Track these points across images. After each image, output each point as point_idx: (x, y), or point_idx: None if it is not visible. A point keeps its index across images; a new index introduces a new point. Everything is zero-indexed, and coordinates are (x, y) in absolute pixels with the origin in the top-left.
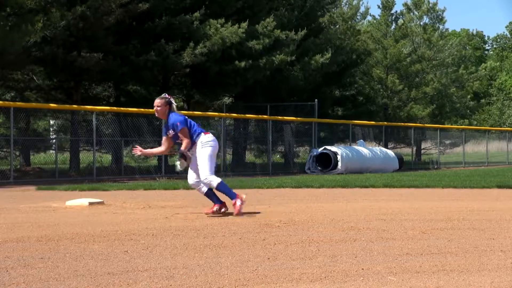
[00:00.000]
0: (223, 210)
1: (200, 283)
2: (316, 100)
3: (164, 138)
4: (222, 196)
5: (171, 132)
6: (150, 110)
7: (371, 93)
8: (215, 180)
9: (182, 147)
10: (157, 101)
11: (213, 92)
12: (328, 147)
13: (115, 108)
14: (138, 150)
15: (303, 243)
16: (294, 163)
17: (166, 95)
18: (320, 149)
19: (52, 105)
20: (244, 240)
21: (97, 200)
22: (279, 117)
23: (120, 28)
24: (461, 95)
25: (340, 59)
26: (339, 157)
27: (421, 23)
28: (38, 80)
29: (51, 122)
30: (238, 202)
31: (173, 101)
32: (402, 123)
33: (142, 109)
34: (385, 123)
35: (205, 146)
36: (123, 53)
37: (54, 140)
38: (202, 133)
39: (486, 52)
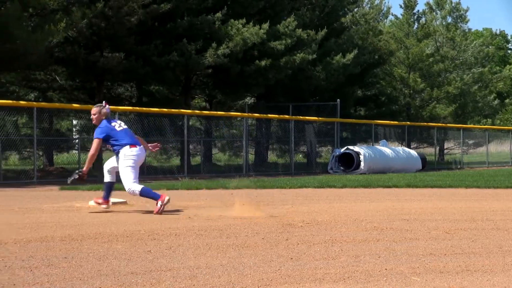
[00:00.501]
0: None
1: (223, 283)
2: (338, 100)
3: None
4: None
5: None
6: (173, 110)
7: (394, 92)
8: (137, 189)
9: (87, 162)
10: (93, 110)
11: (235, 92)
12: (351, 147)
13: (137, 108)
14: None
15: (326, 243)
16: (317, 163)
17: (104, 103)
18: (343, 149)
19: (75, 105)
20: (267, 240)
21: (120, 200)
22: (301, 117)
23: (142, 29)
24: (484, 95)
25: (362, 59)
26: (361, 157)
27: (444, 23)
28: (60, 80)
29: (74, 122)
30: (159, 204)
31: (108, 110)
32: (425, 123)
33: (165, 109)
34: (408, 123)
35: (127, 159)
36: (145, 53)
37: (77, 140)
38: (128, 146)
39: (509, 51)
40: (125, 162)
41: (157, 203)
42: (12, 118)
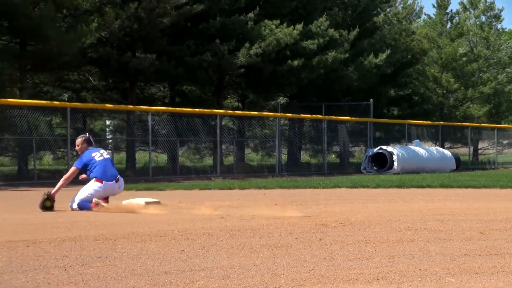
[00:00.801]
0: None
1: (256, 283)
2: (371, 100)
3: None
4: None
5: None
6: (205, 110)
7: (427, 92)
8: (75, 206)
9: (58, 184)
10: (77, 141)
11: (267, 92)
12: (384, 147)
13: (170, 108)
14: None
15: (360, 244)
16: (350, 163)
17: (87, 134)
18: (376, 149)
19: (108, 105)
20: (301, 240)
21: (154, 200)
22: (334, 117)
23: (174, 29)
24: None
25: (394, 58)
26: (395, 157)
27: (477, 22)
28: (94, 80)
29: (107, 122)
30: (99, 206)
31: (92, 140)
32: (459, 123)
33: (197, 109)
34: (441, 122)
35: (90, 187)
36: (177, 53)
37: (110, 140)
38: (94, 179)
39: None
40: (86, 189)
41: (96, 208)
42: (46, 118)
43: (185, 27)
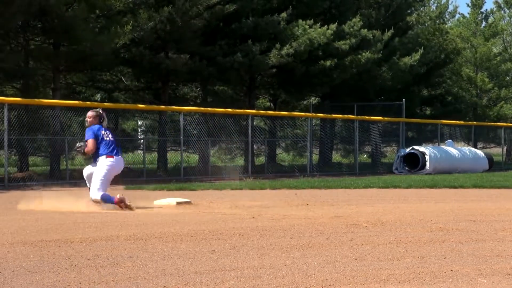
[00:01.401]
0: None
1: (287, 283)
2: (403, 99)
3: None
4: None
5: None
6: (237, 110)
7: (460, 92)
8: (98, 197)
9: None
10: (90, 113)
11: (299, 92)
12: (416, 147)
13: (202, 108)
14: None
15: (391, 244)
16: (381, 163)
17: (100, 110)
18: (408, 149)
19: (140, 105)
20: (331, 240)
21: (185, 199)
22: (366, 117)
23: (206, 30)
24: None
25: (427, 58)
26: (427, 157)
27: None
28: (126, 81)
29: (139, 122)
30: (123, 203)
31: (105, 117)
32: (492, 123)
33: (229, 109)
34: (474, 122)
35: (101, 168)
36: (209, 54)
37: (142, 140)
38: (105, 156)
39: None
40: (99, 171)
41: (118, 206)
42: (79, 119)
43: (217, 27)
